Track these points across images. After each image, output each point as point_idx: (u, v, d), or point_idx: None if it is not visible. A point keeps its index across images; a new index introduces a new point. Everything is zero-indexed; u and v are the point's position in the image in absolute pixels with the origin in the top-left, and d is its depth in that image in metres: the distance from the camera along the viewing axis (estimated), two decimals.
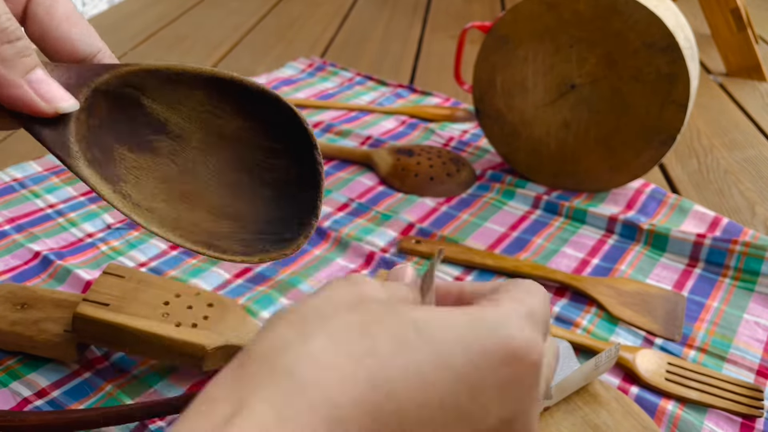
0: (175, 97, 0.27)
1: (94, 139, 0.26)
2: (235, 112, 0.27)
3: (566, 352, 0.41)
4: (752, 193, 0.65)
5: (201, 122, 0.27)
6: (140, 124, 0.27)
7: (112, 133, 0.26)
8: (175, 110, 0.27)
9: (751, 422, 0.39)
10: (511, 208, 0.60)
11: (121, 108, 0.26)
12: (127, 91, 0.26)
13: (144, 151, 0.27)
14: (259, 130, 0.28)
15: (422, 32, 1.11)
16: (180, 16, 1.17)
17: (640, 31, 0.54)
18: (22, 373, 0.40)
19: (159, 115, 0.27)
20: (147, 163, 0.27)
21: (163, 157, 0.27)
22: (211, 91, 0.27)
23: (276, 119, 0.27)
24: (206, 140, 0.28)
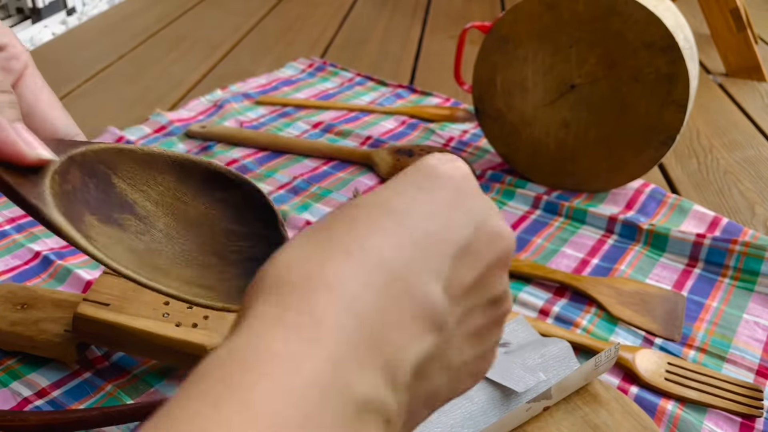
0: (144, 178, 0.28)
1: (67, 203, 0.26)
2: (198, 196, 0.28)
3: (566, 352, 0.41)
4: (752, 193, 0.65)
5: (167, 207, 0.28)
6: (109, 200, 0.28)
7: (83, 202, 0.27)
8: (143, 193, 0.28)
9: (750, 422, 0.39)
10: (511, 208, 0.60)
11: (92, 182, 0.27)
12: (100, 168, 0.27)
13: (112, 224, 0.27)
14: (224, 215, 0.29)
15: (422, 32, 1.11)
16: (180, 17, 1.17)
17: (640, 31, 0.54)
18: (22, 373, 0.40)
19: (127, 196, 0.28)
20: (116, 235, 0.27)
21: (131, 233, 0.28)
22: (178, 173, 0.28)
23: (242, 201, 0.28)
24: (172, 225, 0.28)
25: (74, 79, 0.89)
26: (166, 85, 0.88)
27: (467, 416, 0.36)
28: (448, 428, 0.35)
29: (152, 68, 0.93)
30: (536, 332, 0.43)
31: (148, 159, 0.28)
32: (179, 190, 0.28)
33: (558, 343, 0.41)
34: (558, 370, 0.39)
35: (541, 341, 0.42)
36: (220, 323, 0.39)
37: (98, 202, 0.27)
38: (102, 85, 0.88)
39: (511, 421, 0.36)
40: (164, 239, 0.28)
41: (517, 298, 0.49)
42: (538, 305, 0.48)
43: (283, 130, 0.74)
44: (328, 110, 0.80)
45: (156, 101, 0.82)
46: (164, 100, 0.83)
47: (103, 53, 0.99)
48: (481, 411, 0.37)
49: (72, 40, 1.05)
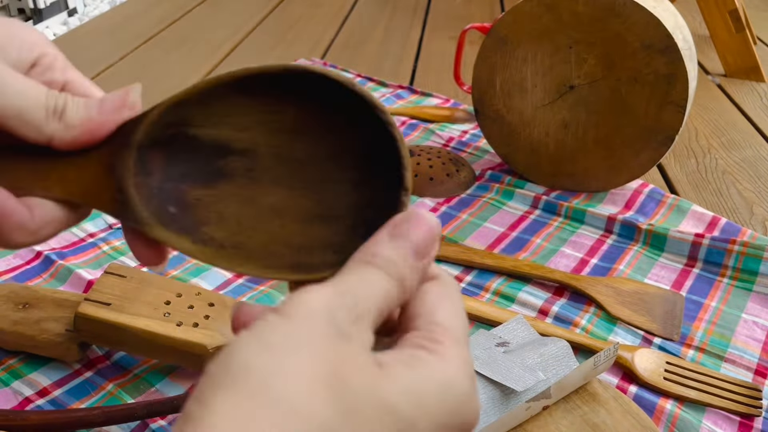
0: (218, 114, 0.25)
1: (163, 195, 0.24)
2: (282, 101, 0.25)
3: (565, 352, 0.41)
4: (750, 193, 0.65)
5: (259, 125, 0.25)
6: (202, 156, 0.25)
7: (179, 178, 0.25)
8: (229, 125, 0.25)
9: (749, 421, 0.40)
10: (511, 208, 0.60)
11: (174, 150, 0.25)
12: (171, 131, 0.25)
13: (218, 180, 0.25)
14: (316, 110, 0.25)
15: (422, 33, 1.11)
16: (181, 18, 1.17)
17: (639, 32, 0.54)
18: (23, 373, 0.41)
19: (217, 138, 0.25)
20: (226, 192, 0.25)
21: (241, 177, 0.25)
22: (246, 92, 0.25)
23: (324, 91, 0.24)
24: (274, 141, 0.25)
25: None
26: (168, 86, 0.88)
27: None
28: None
29: (153, 69, 0.94)
30: (535, 332, 0.43)
31: (208, 94, 0.24)
32: (260, 103, 0.25)
33: (557, 343, 0.41)
34: (557, 369, 0.40)
35: (541, 341, 0.42)
36: (221, 323, 0.39)
37: (194, 166, 0.25)
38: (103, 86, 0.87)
39: (510, 421, 0.36)
40: (274, 162, 0.25)
41: (517, 298, 0.49)
42: (537, 305, 0.48)
43: None
44: None
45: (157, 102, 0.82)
46: None
47: (104, 54, 0.99)
48: (481, 410, 0.37)
49: (73, 40, 1.05)
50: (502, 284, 0.50)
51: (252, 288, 0.48)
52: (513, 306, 0.48)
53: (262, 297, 0.47)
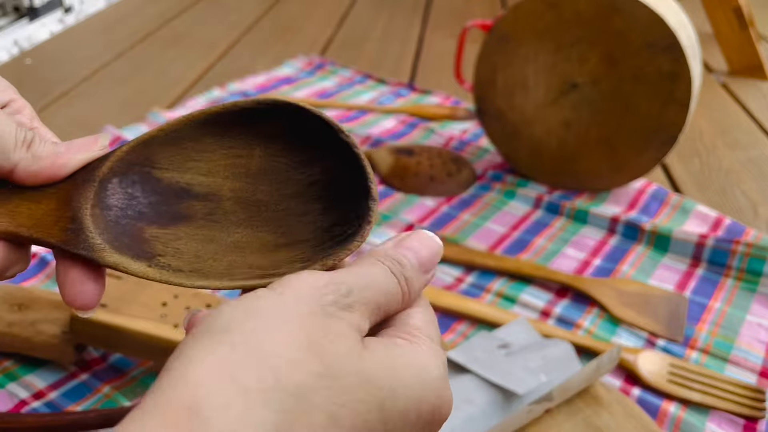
0: (185, 156, 0.25)
1: (118, 229, 0.24)
2: (250, 143, 0.25)
3: (567, 354, 0.40)
4: (755, 193, 0.64)
5: (224, 170, 0.25)
6: (163, 198, 0.25)
7: (136, 217, 0.24)
8: (192, 170, 0.25)
9: (753, 423, 0.39)
10: (512, 208, 0.60)
11: (136, 189, 0.25)
12: (135, 170, 0.25)
13: (176, 222, 0.25)
14: (282, 146, 0.25)
15: (422, 31, 1.10)
16: (178, 15, 1.17)
17: (642, 30, 0.54)
18: (19, 375, 0.40)
19: (179, 182, 0.25)
20: (184, 232, 0.25)
21: (201, 220, 0.25)
22: (215, 131, 0.25)
23: (290, 127, 0.25)
24: (237, 186, 0.25)
25: (71, 77, 0.89)
26: (164, 84, 0.87)
27: (468, 418, 0.36)
28: (448, 431, 0.35)
29: (150, 67, 0.93)
30: (538, 333, 0.43)
31: (176, 135, 0.24)
32: (226, 146, 0.25)
33: (560, 345, 0.41)
34: (560, 371, 0.39)
35: (543, 343, 0.41)
36: None
37: (152, 207, 0.25)
38: (99, 83, 0.87)
39: (512, 424, 0.35)
40: (236, 206, 0.25)
41: (518, 299, 0.48)
42: (540, 306, 0.48)
43: None
44: (328, 109, 0.79)
45: (153, 100, 0.82)
46: (162, 99, 0.82)
47: (100, 52, 0.98)
48: (482, 413, 0.36)
49: (69, 38, 1.05)
50: (504, 285, 0.50)
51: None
52: (515, 307, 0.48)
53: None
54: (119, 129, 0.71)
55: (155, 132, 0.24)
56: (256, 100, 0.24)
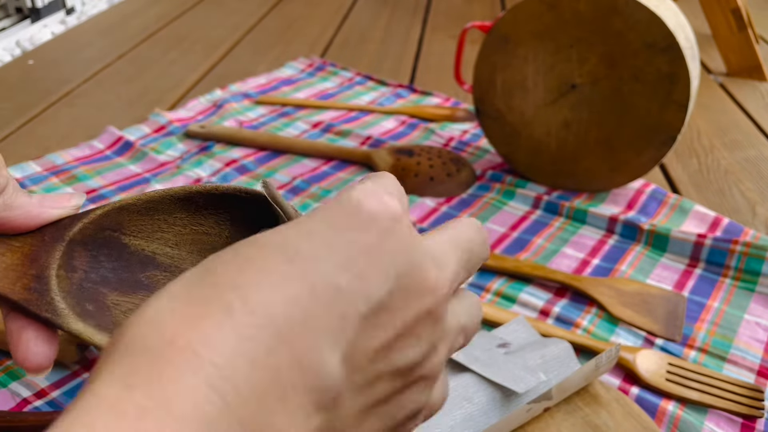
0: (155, 226, 0.25)
1: (82, 293, 0.24)
2: (220, 223, 0.26)
3: (566, 353, 0.40)
4: (753, 193, 0.65)
5: (190, 245, 0.26)
6: (127, 264, 0.25)
7: (99, 281, 0.25)
8: (160, 240, 0.25)
9: (751, 423, 0.39)
10: (512, 208, 0.60)
11: (103, 254, 0.25)
12: (105, 234, 0.25)
13: (137, 290, 0.25)
14: (250, 231, 0.26)
15: (422, 32, 1.11)
16: (180, 16, 1.17)
17: (641, 31, 0.54)
18: (21, 374, 0.40)
19: (145, 250, 0.25)
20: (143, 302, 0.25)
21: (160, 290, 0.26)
22: (189, 207, 0.25)
23: (262, 214, 0.25)
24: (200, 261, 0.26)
25: (73, 78, 0.89)
26: (166, 85, 0.87)
27: (467, 417, 0.36)
28: (448, 429, 0.35)
29: (151, 68, 0.93)
30: (537, 333, 0.43)
31: (150, 206, 0.25)
32: (196, 223, 0.25)
33: (558, 344, 0.41)
34: (559, 370, 0.39)
35: (542, 342, 0.41)
36: None
37: (116, 273, 0.25)
38: (101, 84, 0.88)
39: (511, 422, 0.36)
40: None
41: (518, 299, 0.49)
42: (539, 306, 0.48)
43: (283, 129, 0.74)
44: (328, 110, 0.80)
45: (155, 101, 0.82)
46: (163, 100, 0.83)
47: (102, 53, 0.99)
48: (482, 412, 0.36)
49: (71, 39, 1.05)
50: (503, 285, 0.50)
51: None
52: (514, 307, 0.48)
53: None
54: (121, 130, 0.71)
55: (132, 200, 0.25)
56: (238, 189, 0.25)
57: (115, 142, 0.69)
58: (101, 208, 0.25)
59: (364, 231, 0.17)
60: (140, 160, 0.66)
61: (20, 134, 0.73)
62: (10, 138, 0.72)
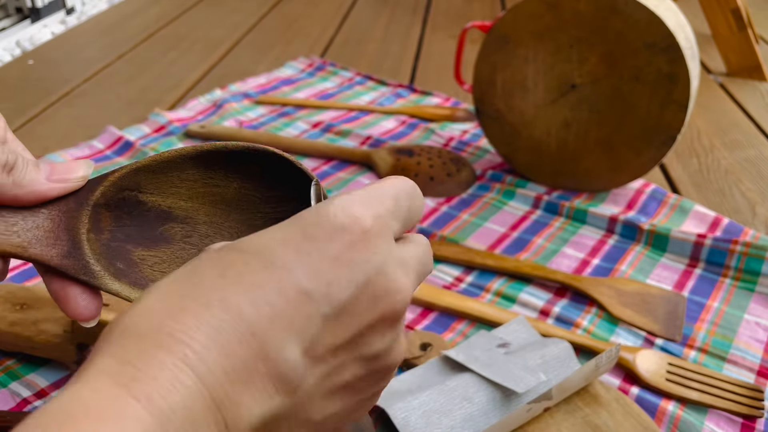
0: (169, 183, 0.27)
1: (111, 252, 0.26)
2: (228, 176, 0.28)
3: (566, 353, 0.40)
4: (753, 193, 0.65)
5: (202, 197, 0.28)
6: (147, 220, 0.27)
7: (125, 239, 0.27)
8: (174, 195, 0.28)
9: (751, 422, 0.39)
10: (512, 208, 0.60)
11: (124, 213, 0.27)
12: (124, 194, 0.27)
13: (159, 244, 0.27)
14: (257, 184, 0.28)
15: (422, 32, 1.11)
16: (180, 16, 1.17)
17: (641, 30, 0.54)
18: (21, 374, 0.40)
19: (161, 205, 0.27)
20: (166, 255, 0.27)
21: (179, 242, 0.28)
22: (199, 165, 0.27)
23: (268, 167, 0.27)
24: (213, 211, 0.28)
25: (73, 78, 0.89)
26: (166, 85, 0.87)
27: (467, 417, 0.36)
28: (448, 429, 0.35)
29: (151, 68, 0.93)
30: (537, 333, 0.43)
31: (165, 165, 0.27)
32: (207, 177, 0.28)
33: (559, 344, 0.41)
34: (559, 370, 0.39)
35: (542, 342, 0.41)
36: None
37: (138, 230, 0.27)
38: (101, 84, 0.88)
39: (511, 422, 0.36)
40: (211, 230, 0.28)
41: (518, 299, 0.49)
42: (539, 306, 0.48)
43: (283, 129, 0.74)
44: (328, 110, 0.80)
45: (155, 101, 0.82)
46: (163, 100, 0.83)
47: (102, 53, 0.99)
48: (482, 412, 0.36)
49: (71, 39, 1.05)
50: (503, 285, 0.50)
51: None
52: (514, 307, 0.48)
53: None
54: (121, 130, 0.71)
55: (148, 161, 0.27)
56: (246, 146, 0.27)
57: (115, 142, 0.69)
58: (119, 170, 0.26)
59: (334, 241, 0.20)
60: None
61: (20, 134, 0.73)
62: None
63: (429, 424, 0.35)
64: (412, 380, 0.39)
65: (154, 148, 0.69)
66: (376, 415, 0.38)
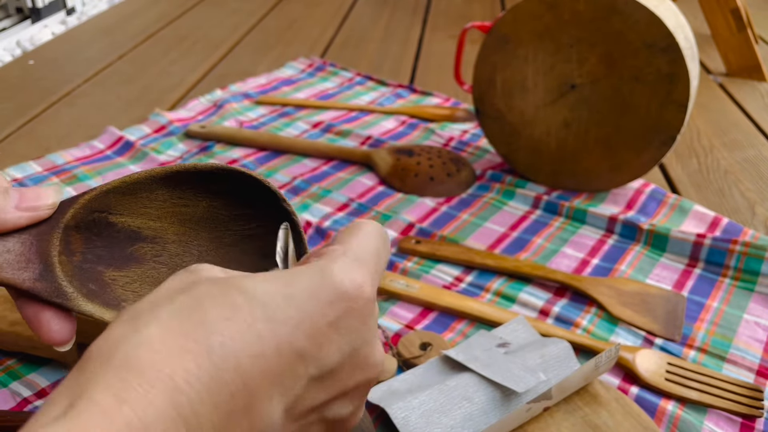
0: (139, 203, 0.28)
1: (83, 274, 0.26)
2: (197, 195, 0.28)
3: (566, 353, 0.41)
4: (752, 193, 0.65)
5: (171, 216, 0.28)
6: (117, 241, 0.27)
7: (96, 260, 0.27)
8: (143, 215, 0.28)
9: (750, 422, 0.39)
10: (511, 208, 0.60)
11: (94, 234, 0.27)
12: (94, 216, 0.27)
13: (130, 264, 0.27)
14: (226, 202, 0.28)
15: (422, 32, 1.11)
16: (180, 16, 1.17)
17: (641, 31, 0.54)
18: (21, 374, 0.40)
19: (131, 226, 0.28)
20: (137, 274, 0.27)
21: (149, 261, 0.28)
22: (169, 185, 0.28)
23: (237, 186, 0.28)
24: (182, 230, 0.28)
25: (74, 79, 0.89)
26: (166, 85, 0.88)
27: (467, 416, 0.36)
28: (447, 429, 0.35)
29: (152, 68, 0.93)
30: (536, 332, 0.43)
31: (134, 187, 0.27)
32: (176, 197, 0.28)
33: (558, 344, 0.41)
34: (558, 370, 0.39)
35: (542, 341, 0.42)
36: None
37: (109, 251, 0.27)
38: (101, 84, 0.88)
39: (511, 422, 0.36)
40: (180, 249, 0.28)
41: (517, 298, 0.49)
42: (539, 305, 0.48)
43: (283, 130, 0.74)
44: (328, 110, 0.80)
45: (155, 101, 0.82)
46: (164, 100, 0.83)
47: (102, 53, 0.99)
48: (481, 411, 0.37)
49: (71, 39, 1.05)
50: (503, 285, 0.50)
51: None
52: (514, 306, 0.48)
53: None
54: (121, 130, 0.71)
55: (117, 183, 0.27)
56: (213, 166, 0.27)
57: (115, 142, 0.69)
58: (88, 193, 0.27)
59: (334, 307, 0.21)
60: (141, 160, 0.66)
61: (20, 134, 0.73)
62: (10, 138, 0.72)
63: (429, 424, 0.35)
64: (412, 380, 0.39)
65: (155, 148, 0.69)
66: (376, 414, 0.38)
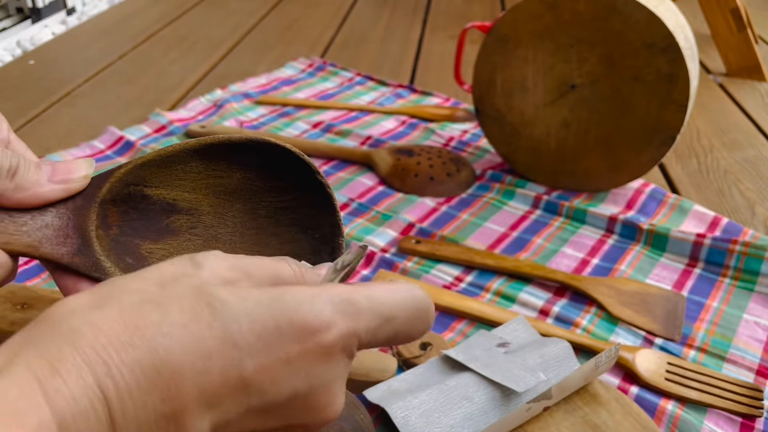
0: (173, 176, 0.28)
1: (120, 248, 0.26)
2: (231, 167, 0.28)
3: (566, 352, 0.41)
4: (752, 193, 0.65)
5: (205, 188, 0.28)
6: (153, 214, 0.28)
7: (132, 233, 0.27)
8: (178, 187, 0.28)
9: (750, 422, 0.39)
10: (511, 208, 0.60)
11: (130, 207, 0.27)
12: (129, 189, 0.27)
13: (165, 236, 0.28)
14: (260, 175, 0.28)
15: (422, 32, 1.11)
16: (180, 17, 1.17)
17: (640, 31, 0.54)
18: None
19: (166, 198, 0.28)
20: (172, 247, 0.28)
21: (185, 233, 0.28)
22: (203, 157, 0.28)
23: (270, 159, 0.28)
24: (216, 202, 0.29)
25: (74, 79, 0.89)
26: (166, 85, 0.88)
27: (467, 416, 0.36)
28: (447, 428, 0.35)
29: (152, 68, 0.93)
30: (536, 332, 0.43)
31: (168, 159, 0.27)
32: (210, 168, 0.28)
33: (558, 343, 0.41)
34: (558, 370, 0.39)
35: (541, 341, 0.42)
36: None
37: (145, 223, 0.27)
38: (102, 84, 0.88)
39: (511, 422, 0.36)
40: (215, 221, 0.28)
41: (517, 298, 0.49)
42: (538, 305, 0.48)
43: (283, 130, 0.74)
44: (328, 110, 0.80)
45: (156, 101, 0.82)
46: (164, 100, 0.83)
47: (102, 53, 0.99)
48: (481, 411, 0.37)
49: (72, 40, 1.05)
50: (503, 284, 0.50)
51: None
52: (514, 306, 0.48)
53: None
54: (121, 130, 0.71)
55: (152, 156, 0.27)
56: (249, 138, 0.27)
57: (115, 142, 0.69)
58: (124, 166, 0.27)
59: (298, 343, 0.20)
60: None
61: (21, 134, 0.73)
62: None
63: (429, 423, 0.35)
64: (412, 379, 0.39)
65: (155, 148, 0.69)
66: (376, 414, 0.38)
